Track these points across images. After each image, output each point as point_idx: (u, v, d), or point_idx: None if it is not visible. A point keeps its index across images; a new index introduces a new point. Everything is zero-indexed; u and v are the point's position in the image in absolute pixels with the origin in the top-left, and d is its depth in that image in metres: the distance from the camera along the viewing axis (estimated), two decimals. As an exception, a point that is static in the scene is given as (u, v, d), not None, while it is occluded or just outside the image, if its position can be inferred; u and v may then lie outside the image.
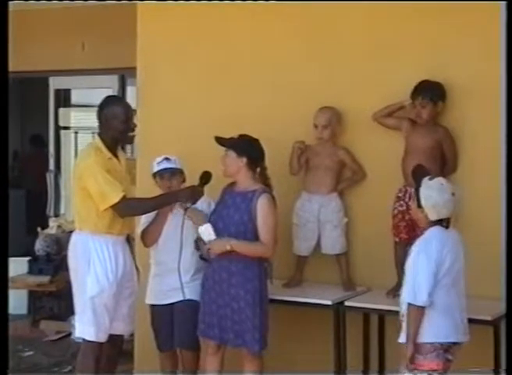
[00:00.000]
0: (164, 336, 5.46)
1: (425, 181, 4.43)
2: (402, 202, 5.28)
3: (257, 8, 5.85)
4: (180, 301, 5.37)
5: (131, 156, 5.50)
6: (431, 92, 5.21)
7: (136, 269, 5.27)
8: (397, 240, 5.31)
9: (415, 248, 4.43)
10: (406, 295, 4.37)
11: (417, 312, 4.32)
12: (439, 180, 4.47)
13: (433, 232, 4.41)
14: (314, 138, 5.58)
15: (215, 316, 5.07)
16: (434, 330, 4.35)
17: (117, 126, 5.06)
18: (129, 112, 5.13)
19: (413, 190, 4.62)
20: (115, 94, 8.93)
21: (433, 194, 4.39)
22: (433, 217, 4.39)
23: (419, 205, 4.41)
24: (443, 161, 5.27)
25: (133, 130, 5.16)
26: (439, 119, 5.30)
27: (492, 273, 4.95)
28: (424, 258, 4.32)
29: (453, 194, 4.40)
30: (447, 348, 4.39)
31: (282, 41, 5.86)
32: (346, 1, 5.56)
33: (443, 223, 4.41)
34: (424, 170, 4.60)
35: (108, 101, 5.26)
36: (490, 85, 5.16)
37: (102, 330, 5.02)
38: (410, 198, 5.20)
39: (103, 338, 5.04)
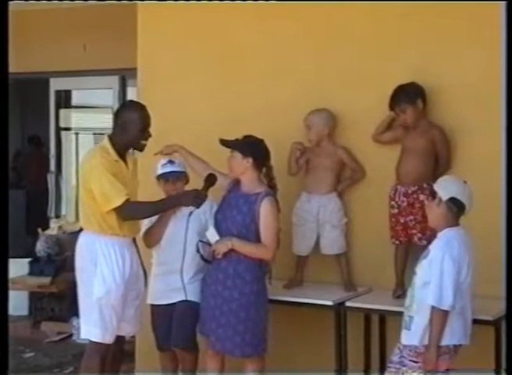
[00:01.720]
0: (163, 336, 5.46)
1: (438, 180, 4.54)
2: (393, 203, 5.29)
3: (256, 9, 5.86)
4: (181, 301, 5.37)
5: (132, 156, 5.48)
6: (404, 96, 5.24)
7: (144, 270, 5.25)
8: (397, 243, 5.31)
9: (437, 251, 4.37)
10: (431, 299, 4.29)
11: (443, 315, 4.28)
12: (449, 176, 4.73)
13: (452, 233, 4.39)
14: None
15: (208, 313, 5.07)
16: (451, 333, 4.33)
17: (133, 132, 5.02)
18: (147, 121, 5.08)
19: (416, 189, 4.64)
20: (117, 93, 8.96)
21: (447, 179, 4.57)
22: (449, 194, 4.38)
23: (438, 200, 4.41)
24: (437, 160, 5.29)
25: (146, 139, 5.12)
26: (435, 118, 5.31)
27: (492, 273, 4.94)
28: (450, 261, 4.28)
29: (464, 182, 4.47)
30: (456, 350, 4.41)
31: (282, 41, 5.86)
32: (344, 2, 5.57)
33: (460, 215, 4.43)
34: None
35: (130, 105, 5.26)
36: (490, 85, 5.15)
37: (109, 331, 4.99)
38: (399, 198, 5.24)
39: (110, 340, 5.01)
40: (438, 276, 4.29)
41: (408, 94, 5.23)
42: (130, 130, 5.03)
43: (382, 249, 5.44)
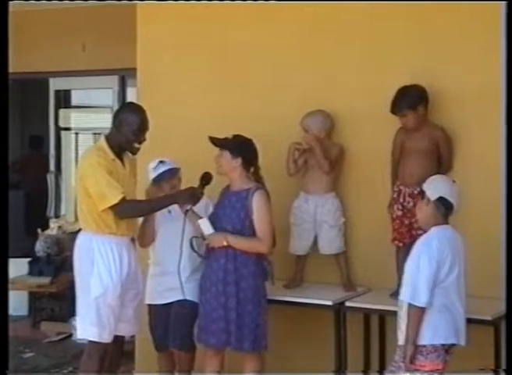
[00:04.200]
0: (160, 336, 5.47)
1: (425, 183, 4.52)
2: (398, 205, 5.29)
3: (256, 9, 5.86)
4: (178, 301, 5.38)
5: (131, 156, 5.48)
6: (405, 101, 5.22)
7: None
8: (400, 245, 5.30)
9: (416, 248, 4.43)
10: (406, 296, 4.36)
11: (418, 312, 4.32)
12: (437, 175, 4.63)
13: (435, 232, 4.42)
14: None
15: (211, 316, 5.06)
16: (433, 331, 4.35)
17: (126, 134, 5.02)
18: (143, 125, 5.07)
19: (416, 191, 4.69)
20: (116, 93, 8.96)
21: (436, 179, 4.55)
22: (437, 194, 4.40)
23: (427, 200, 4.43)
24: (440, 161, 5.28)
25: (140, 143, 5.12)
26: (435, 120, 5.30)
27: (492, 273, 4.95)
28: (426, 259, 4.32)
29: (453, 181, 4.49)
30: (447, 349, 4.40)
31: (281, 42, 5.87)
32: (344, 3, 5.57)
33: (448, 214, 4.43)
34: None
35: (129, 106, 5.26)
36: (490, 85, 5.15)
37: (107, 330, 4.99)
38: (404, 199, 5.24)
39: (107, 339, 5.01)
40: (414, 273, 4.35)
41: (409, 100, 5.21)
42: (124, 131, 5.03)
43: (381, 249, 5.44)
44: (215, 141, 5.13)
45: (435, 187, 4.48)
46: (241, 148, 5.09)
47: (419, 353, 4.35)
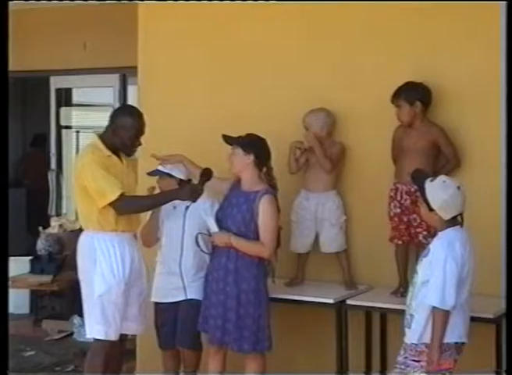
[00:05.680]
0: (165, 334, 5.47)
1: (428, 183, 4.37)
2: (396, 202, 5.28)
3: (257, 8, 5.86)
4: (184, 300, 5.37)
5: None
6: (404, 93, 5.23)
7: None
8: (400, 242, 5.30)
9: (437, 251, 4.32)
10: (432, 299, 4.25)
11: (445, 315, 4.25)
12: (441, 177, 4.41)
13: (454, 234, 4.33)
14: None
15: (210, 311, 5.09)
16: (450, 330, 4.29)
17: (123, 139, 5.02)
18: (140, 130, 5.07)
19: (408, 188, 4.78)
20: (117, 92, 8.96)
21: (439, 193, 4.33)
22: (447, 216, 4.32)
23: (430, 209, 4.35)
24: (440, 159, 5.26)
25: (136, 147, 5.12)
26: (435, 118, 5.30)
27: (492, 271, 4.94)
28: (453, 263, 4.23)
29: (458, 187, 4.34)
30: (458, 348, 4.39)
31: (282, 40, 5.87)
32: (344, 2, 5.57)
33: (458, 220, 4.37)
34: (423, 173, 4.57)
35: (127, 109, 5.25)
36: (490, 85, 5.15)
37: (113, 328, 4.98)
38: (402, 197, 5.23)
39: (114, 337, 5.00)
40: (441, 277, 4.24)
41: (409, 94, 5.22)
42: (121, 135, 5.03)
43: (382, 247, 5.43)
44: (227, 138, 5.14)
45: (434, 195, 4.32)
46: (253, 144, 5.09)
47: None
